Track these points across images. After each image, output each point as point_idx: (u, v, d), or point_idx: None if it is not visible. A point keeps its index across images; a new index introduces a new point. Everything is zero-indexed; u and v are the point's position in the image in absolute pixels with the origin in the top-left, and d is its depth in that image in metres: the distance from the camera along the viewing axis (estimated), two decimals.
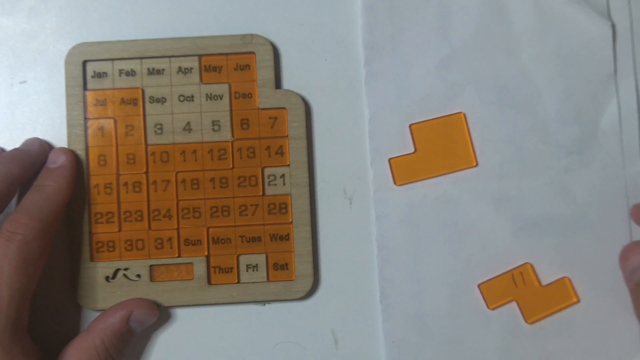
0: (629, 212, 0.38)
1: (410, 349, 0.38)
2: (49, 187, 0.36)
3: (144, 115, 0.38)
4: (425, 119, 0.39)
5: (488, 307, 0.38)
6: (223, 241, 0.38)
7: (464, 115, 0.39)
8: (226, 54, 0.39)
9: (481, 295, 0.38)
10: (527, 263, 0.39)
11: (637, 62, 0.39)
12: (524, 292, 0.38)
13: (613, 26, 0.39)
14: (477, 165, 0.39)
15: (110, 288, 0.38)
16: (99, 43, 0.38)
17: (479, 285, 0.38)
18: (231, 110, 0.39)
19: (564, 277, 0.39)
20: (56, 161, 0.37)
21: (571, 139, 0.39)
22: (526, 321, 0.38)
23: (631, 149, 0.39)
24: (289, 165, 0.38)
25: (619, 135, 0.39)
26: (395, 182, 0.39)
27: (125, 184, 0.38)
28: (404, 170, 0.39)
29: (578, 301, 0.38)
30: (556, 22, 0.39)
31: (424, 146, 0.39)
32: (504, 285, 0.38)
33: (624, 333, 0.38)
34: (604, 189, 0.38)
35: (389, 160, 0.39)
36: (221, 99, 0.39)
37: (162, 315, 0.38)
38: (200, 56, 0.39)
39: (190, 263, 0.38)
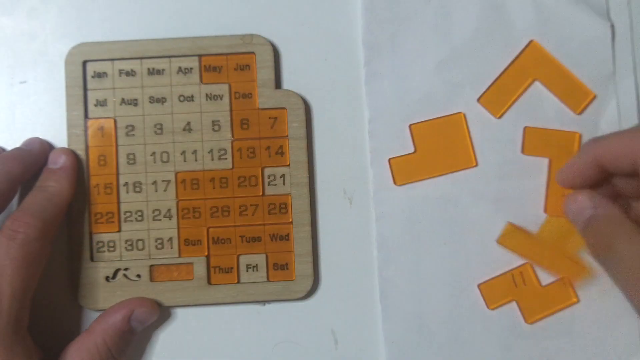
0: None
1: (410, 349, 0.38)
2: (51, 187, 0.36)
3: (144, 115, 0.38)
4: (425, 119, 0.39)
5: (488, 307, 0.38)
6: (223, 241, 0.38)
7: (464, 115, 0.39)
8: (226, 54, 0.39)
9: (481, 295, 0.38)
10: (527, 263, 0.39)
11: (636, 62, 0.39)
12: (524, 292, 0.38)
13: (612, 26, 0.39)
14: (477, 165, 0.39)
15: (110, 288, 0.38)
16: (99, 43, 0.38)
17: (478, 285, 0.38)
18: (231, 110, 0.39)
19: (563, 277, 0.38)
20: (57, 162, 0.37)
21: None
22: (526, 321, 0.38)
23: None
24: (289, 165, 0.38)
25: None
26: (395, 182, 0.39)
27: (126, 184, 0.38)
28: (404, 170, 0.39)
29: (578, 301, 0.38)
30: (555, 22, 0.39)
31: (424, 146, 0.39)
32: (504, 285, 0.38)
33: (624, 333, 0.38)
34: None
35: (389, 160, 0.39)
36: (221, 99, 0.39)
37: (162, 315, 0.38)
38: (200, 56, 0.39)
39: (191, 263, 0.38)
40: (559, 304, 0.38)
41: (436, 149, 0.39)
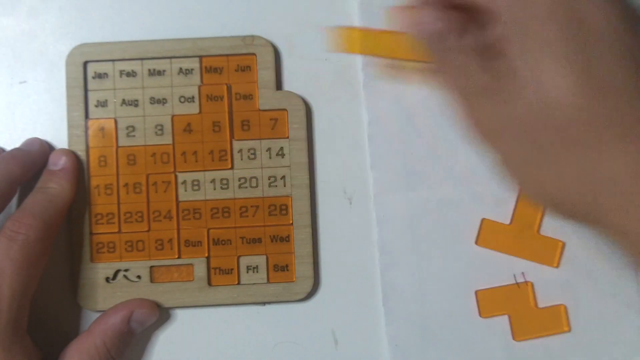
0: None
1: (414, 351, 0.38)
2: (52, 189, 0.36)
3: (145, 116, 0.38)
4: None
5: (480, 315, 0.38)
6: (223, 242, 0.38)
7: None
8: (227, 55, 0.39)
9: (476, 302, 0.38)
10: (528, 282, 0.39)
11: None
12: (518, 309, 0.38)
13: None
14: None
15: (110, 289, 0.38)
16: (100, 44, 0.38)
17: (476, 292, 0.38)
18: (232, 111, 0.39)
19: (560, 305, 0.38)
20: (57, 163, 0.37)
21: None
22: (514, 338, 0.38)
23: None
24: (289, 166, 0.38)
25: None
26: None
27: (126, 184, 0.38)
28: None
29: (569, 330, 0.38)
30: None
31: None
32: (500, 297, 0.38)
33: (627, 332, 0.38)
34: None
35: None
36: (222, 100, 0.39)
37: (162, 316, 0.38)
38: (201, 57, 0.39)
39: (191, 264, 0.38)
40: (549, 330, 0.38)
41: None
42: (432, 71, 0.35)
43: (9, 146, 0.38)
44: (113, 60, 0.38)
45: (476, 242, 0.39)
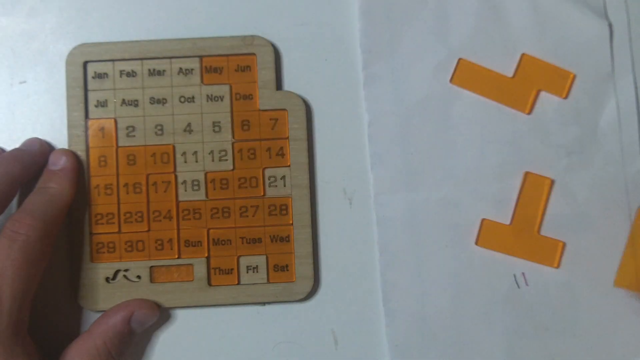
0: (629, 210, 0.39)
1: (414, 351, 0.38)
2: (52, 189, 0.36)
3: (145, 116, 0.38)
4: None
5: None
6: (223, 242, 0.38)
7: None
8: (227, 55, 0.39)
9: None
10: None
11: (635, 61, 0.40)
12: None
13: (610, 25, 0.40)
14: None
15: (110, 289, 0.38)
16: (100, 44, 0.38)
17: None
18: (232, 111, 0.39)
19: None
20: (58, 163, 0.37)
21: (571, 139, 0.39)
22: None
23: (631, 148, 0.39)
24: (289, 166, 0.38)
25: (618, 134, 0.39)
26: None
27: (126, 184, 0.38)
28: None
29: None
30: (553, 22, 0.39)
31: None
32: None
33: (627, 333, 0.38)
34: (605, 188, 0.39)
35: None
36: (222, 100, 0.39)
37: (162, 316, 0.38)
38: (201, 57, 0.39)
39: (191, 264, 0.38)
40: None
41: None
42: None
43: (9, 146, 0.38)
44: (113, 60, 0.38)
45: (476, 243, 0.39)
